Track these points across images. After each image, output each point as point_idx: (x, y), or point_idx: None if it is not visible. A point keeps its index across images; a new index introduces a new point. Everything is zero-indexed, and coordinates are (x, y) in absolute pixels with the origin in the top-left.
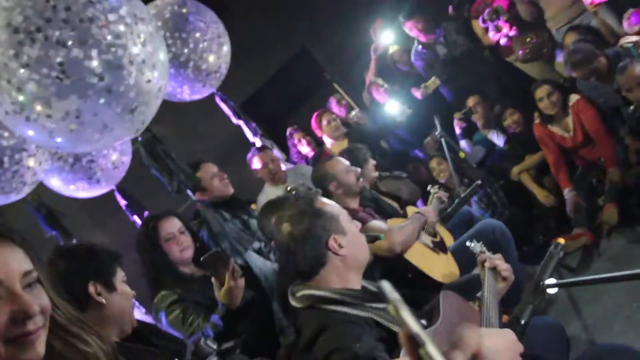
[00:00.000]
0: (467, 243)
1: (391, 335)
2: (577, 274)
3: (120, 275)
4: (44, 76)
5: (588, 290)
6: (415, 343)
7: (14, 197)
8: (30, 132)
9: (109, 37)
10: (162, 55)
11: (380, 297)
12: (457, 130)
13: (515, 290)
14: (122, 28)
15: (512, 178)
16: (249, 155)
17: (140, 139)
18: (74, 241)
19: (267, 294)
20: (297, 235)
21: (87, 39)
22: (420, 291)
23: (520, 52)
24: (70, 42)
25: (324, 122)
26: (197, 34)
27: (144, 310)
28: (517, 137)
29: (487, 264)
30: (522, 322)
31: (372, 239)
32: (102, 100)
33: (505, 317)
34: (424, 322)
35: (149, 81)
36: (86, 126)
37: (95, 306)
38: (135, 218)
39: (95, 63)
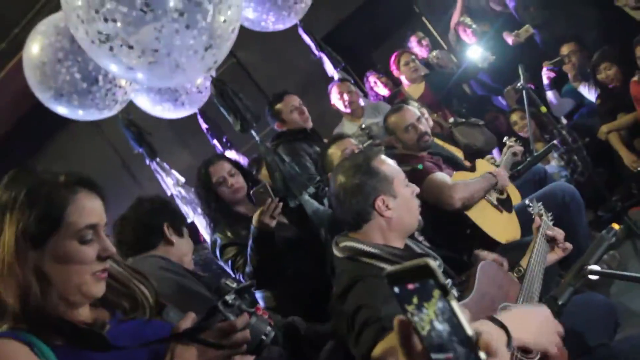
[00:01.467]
0: (526, 201)
1: None
2: None
3: (186, 231)
4: (130, 7)
5: None
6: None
7: (106, 114)
8: (113, 66)
9: None
10: None
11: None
12: (545, 81)
13: (579, 255)
14: None
15: (600, 137)
16: (329, 86)
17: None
18: (158, 159)
19: (318, 236)
20: (348, 188)
21: None
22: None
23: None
24: None
25: (402, 63)
26: None
27: None
28: (612, 93)
29: (541, 230)
30: (560, 302)
31: (411, 168)
32: (180, 36)
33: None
34: (455, 292)
35: (224, 21)
36: (163, 61)
37: (164, 244)
38: (215, 142)
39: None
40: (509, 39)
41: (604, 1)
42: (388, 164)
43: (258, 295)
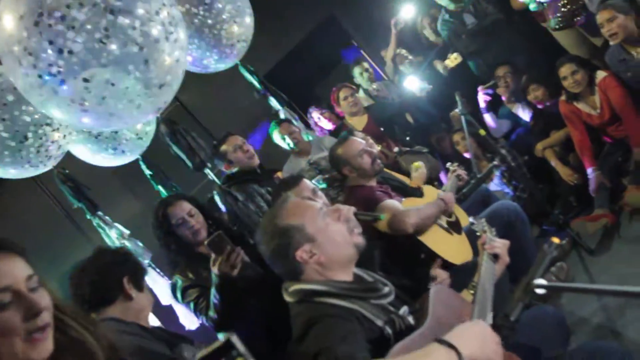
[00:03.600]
0: (470, 219)
1: (377, 331)
2: (596, 255)
3: (146, 284)
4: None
5: (604, 273)
6: None
7: (41, 170)
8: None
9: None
10: (183, 35)
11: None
12: (482, 104)
13: (526, 272)
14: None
15: (536, 154)
16: (270, 130)
17: (160, 117)
18: (100, 212)
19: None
20: (268, 255)
21: (132, 10)
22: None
23: (552, 20)
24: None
25: (341, 98)
26: (220, 4)
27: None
28: (543, 112)
29: (486, 247)
30: (512, 319)
31: (372, 218)
32: (137, 72)
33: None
34: (411, 320)
35: (177, 60)
36: (115, 99)
37: (122, 300)
38: (160, 187)
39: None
40: (440, 67)
41: (530, 27)
42: (293, 212)
43: (220, 336)
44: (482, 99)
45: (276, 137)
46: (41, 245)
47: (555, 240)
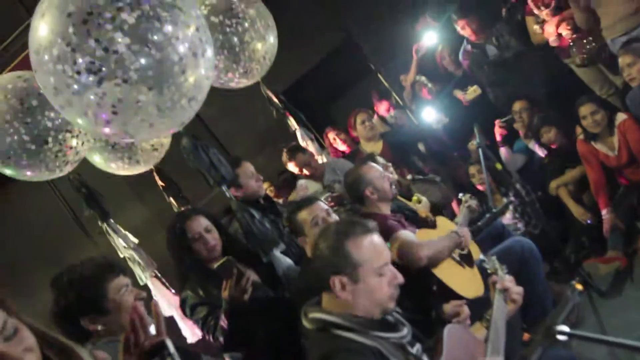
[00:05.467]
0: (481, 257)
1: None
2: (606, 298)
3: (115, 287)
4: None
5: (613, 317)
6: None
7: (57, 174)
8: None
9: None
10: (211, 52)
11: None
12: (498, 137)
13: (539, 309)
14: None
15: (550, 192)
16: (283, 157)
17: (182, 131)
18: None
19: (288, 295)
20: (316, 256)
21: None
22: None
23: (579, 57)
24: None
25: (358, 122)
26: (246, 23)
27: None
28: (558, 150)
29: (497, 285)
30: None
31: None
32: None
33: (526, 336)
34: (426, 359)
35: (206, 76)
36: (142, 109)
37: (95, 332)
38: (172, 199)
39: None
40: (459, 95)
41: (552, 62)
42: (363, 248)
43: (227, 357)
44: (499, 132)
45: (290, 167)
46: (48, 248)
47: (579, 286)
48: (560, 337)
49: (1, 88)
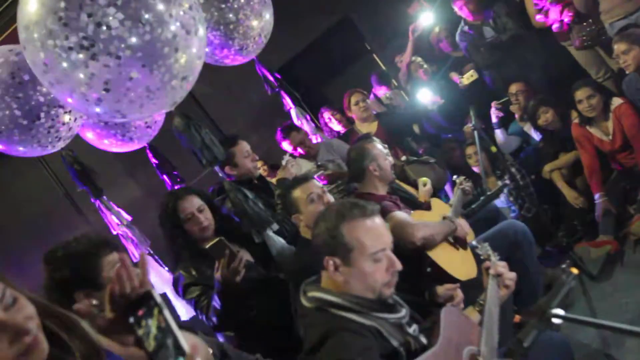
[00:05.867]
0: (474, 243)
1: (391, 348)
2: (597, 281)
3: (109, 264)
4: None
5: (603, 301)
6: None
7: (49, 150)
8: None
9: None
10: (203, 31)
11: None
12: (494, 119)
13: (530, 291)
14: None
15: (544, 175)
16: (277, 136)
17: (173, 110)
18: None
19: (282, 274)
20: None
21: None
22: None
23: (577, 41)
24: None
25: (352, 103)
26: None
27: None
28: (553, 134)
29: (491, 271)
30: (525, 345)
31: None
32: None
33: (517, 318)
34: (423, 339)
35: (198, 55)
36: (127, 94)
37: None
38: (165, 177)
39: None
40: (456, 78)
41: (549, 43)
42: (358, 232)
43: (220, 336)
44: (495, 114)
45: (285, 146)
46: (39, 224)
47: (574, 270)
48: (556, 321)
49: None
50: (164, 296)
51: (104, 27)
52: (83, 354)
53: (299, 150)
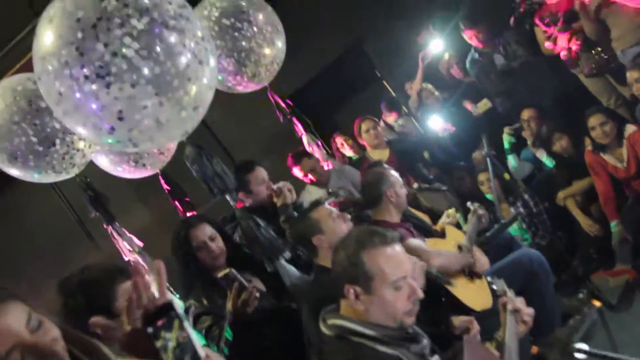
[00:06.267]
0: (489, 279)
1: None
2: (616, 311)
3: (124, 290)
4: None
5: (623, 331)
6: None
7: (64, 176)
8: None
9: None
10: (214, 62)
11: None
12: (506, 145)
13: (547, 322)
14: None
15: (557, 202)
16: (288, 162)
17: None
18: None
19: (295, 304)
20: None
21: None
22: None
23: (586, 69)
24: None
25: (363, 130)
26: (254, 28)
27: None
28: (567, 160)
29: (509, 307)
30: None
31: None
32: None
33: (534, 349)
34: None
35: (209, 86)
36: (146, 117)
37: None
38: (177, 203)
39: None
40: (469, 106)
41: (560, 70)
42: (378, 260)
43: None
44: (507, 140)
45: (296, 172)
46: (51, 250)
47: (597, 303)
48: (579, 356)
49: (11, 89)
50: None
51: (120, 57)
52: None
53: (310, 176)
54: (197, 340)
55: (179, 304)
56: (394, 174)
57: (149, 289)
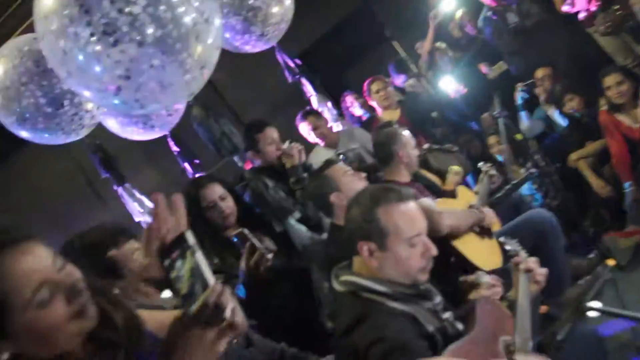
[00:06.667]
0: (501, 239)
1: (426, 333)
2: (626, 272)
3: (128, 251)
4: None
5: (632, 292)
6: None
7: (73, 137)
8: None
9: None
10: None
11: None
12: (518, 101)
13: (557, 282)
14: None
15: (569, 164)
16: (297, 120)
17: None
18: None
19: (304, 264)
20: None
21: None
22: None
23: (602, 26)
24: None
25: (374, 90)
26: None
27: None
28: (580, 121)
29: (522, 266)
30: (559, 338)
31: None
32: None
33: (543, 308)
34: (459, 325)
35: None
36: (152, 78)
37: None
38: (187, 165)
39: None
40: (484, 68)
41: (574, 29)
42: (394, 216)
43: None
44: (520, 95)
45: (302, 129)
46: (60, 211)
47: (611, 262)
48: (591, 314)
49: (17, 50)
50: None
51: (126, 14)
52: (125, 326)
53: (314, 135)
54: (208, 269)
55: (191, 235)
56: (407, 134)
57: (168, 220)
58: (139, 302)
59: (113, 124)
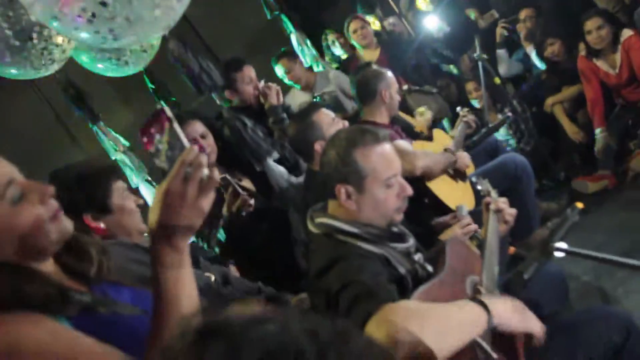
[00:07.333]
0: (473, 179)
1: (398, 275)
2: (590, 215)
3: (117, 191)
4: None
5: (597, 233)
6: None
7: (43, 73)
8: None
9: None
10: None
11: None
12: (498, 39)
13: (526, 225)
14: None
15: (545, 109)
16: (273, 63)
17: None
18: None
19: (281, 204)
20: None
21: None
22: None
23: None
24: None
25: (351, 30)
26: None
27: None
28: (558, 65)
29: (492, 206)
30: (526, 277)
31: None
32: None
33: (511, 249)
34: (429, 267)
35: None
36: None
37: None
38: (162, 103)
39: None
40: (472, 16)
41: None
42: (371, 158)
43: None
44: (500, 32)
45: (278, 71)
46: (32, 151)
47: (579, 205)
48: (558, 254)
49: None
50: None
51: None
52: (99, 260)
53: (288, 78)
54: (185, 138)
55: (169, 109)
56: (391, 76)
57: None
58: (119, 239)
59: (85, 59)
